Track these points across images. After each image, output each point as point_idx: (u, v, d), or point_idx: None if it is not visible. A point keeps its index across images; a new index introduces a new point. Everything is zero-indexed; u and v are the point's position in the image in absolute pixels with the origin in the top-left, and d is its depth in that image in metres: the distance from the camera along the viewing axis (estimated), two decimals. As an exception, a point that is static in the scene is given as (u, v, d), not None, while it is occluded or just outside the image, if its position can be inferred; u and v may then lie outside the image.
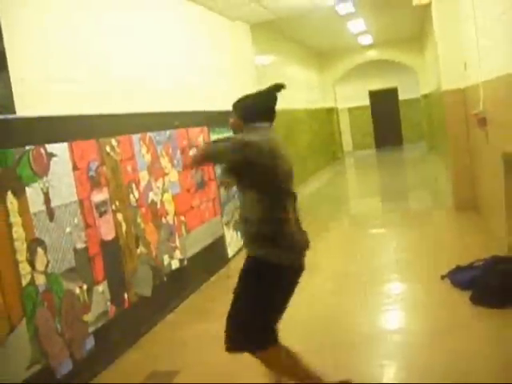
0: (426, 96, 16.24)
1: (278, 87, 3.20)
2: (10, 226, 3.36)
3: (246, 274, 3.02)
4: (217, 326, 4.54)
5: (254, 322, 2.88)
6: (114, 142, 4.60)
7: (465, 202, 7.68)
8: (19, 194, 3.47)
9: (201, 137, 6.46)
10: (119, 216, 4.55)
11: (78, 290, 3.92)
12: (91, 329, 4.04)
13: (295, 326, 4.25)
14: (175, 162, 5.69)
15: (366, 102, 21.06)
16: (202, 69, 6.92)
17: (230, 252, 6.98)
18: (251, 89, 8.32)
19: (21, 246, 3.43)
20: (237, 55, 8.35)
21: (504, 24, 4.26)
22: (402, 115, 20.66)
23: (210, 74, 7.23)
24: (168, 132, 5.61)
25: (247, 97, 3.30)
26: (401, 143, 20.72)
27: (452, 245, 6.36)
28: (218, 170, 6.87)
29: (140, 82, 5.24)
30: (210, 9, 7.36)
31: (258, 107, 3.15)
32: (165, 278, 5.22)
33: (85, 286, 4.01)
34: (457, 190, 7.87)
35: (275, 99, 3.18)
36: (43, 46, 3.92)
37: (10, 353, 3.25)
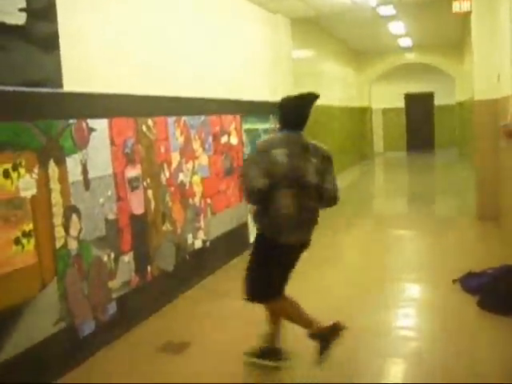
0: (461, 103, 16.22)
1: (313, 97, 3.76)
2: (49, 191, 3.63)
3: (253, 243, 3.77)
4: (231, 305, 4.85)
5: (259, 281, 3.59)
6: (150, 122, 4.86)
7: (487, 211, 7.79)
8: (60, 163, 3.74)
9: (233, 124, 6.68)
10: (149, 193, 4.81)
11: (105, 258, 4.20)
12: (114, 295, 4.31)
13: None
14: (206, 146, 5.93)
15: (401, 104, 21.06)
16: (239, 59, 7.13)
17: (252, 238, 7.20)
18: (286, 82, 8.60)
19: (58, 211, 3.70)
20: (275, 48, 8.54)
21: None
22: (436, 120, 20.61)
23: (247, 64, 7.43)
24: (202, 117, 5.85)
25: (283, 105, 3.79)
26: (432, 148, 20.69)
27: (469, 251, 6.49)
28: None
29: (179, 68, 5.48)
30: (252, 1, 7.55)
31: (287, 119, 3.71)
32: (187, 256, 5.47)
33: (112, 255, 4.28)
34: (480, 199, 7.98)
35: (305, 111, 3.74)
36: (93, 30, 4.19)
37: (40, 308, 3.52)
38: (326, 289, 5.37)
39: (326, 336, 3.54)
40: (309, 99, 3.72)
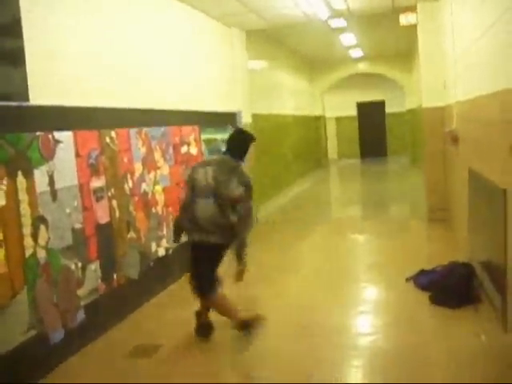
0: (411, 111, 16.78)
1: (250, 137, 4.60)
2: (18, 202, 3.73)
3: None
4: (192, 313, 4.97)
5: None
6: (113, 133, 4.99)
7: (437, 213, 8.17)
8: (28, 174, 3.84)
9: (192, 135, 6.85)
10: (114, 202, 4.94)
11: (73, 266, 4.30)
12: (83, 302, 4.42)
13: (267, 312, 4.70)
14: (167, 156, 6.08)
15: (354, 112, 21.57)
16: (196, 71, 7.32)
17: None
18: (243, 92, 8.81)
19: (26, 222, 3.80)
20: (231, 60, 8.78)
21: (478, 49, 4.68)
22: (388, 128, 21.19)
23: (204, 76, 7.63)
24: (163, 128, 6.00)
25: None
26: (385, 154, 21.25)
27: (420, 251, 6.84)
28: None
29: (139, 81, 5.64)
30: (208, 15, 7.77)
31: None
32: (151, 264, 5.60)
33: (79, 263, 4.39)
34: (430, 202, 8.36)
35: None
36: (58, 45, 4.33)
37: (10, 316, 3.61)
38: (287, 291, 5.58)
39: (249, 326, 4.20)
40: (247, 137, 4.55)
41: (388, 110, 20.98)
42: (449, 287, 4.78)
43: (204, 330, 4.52)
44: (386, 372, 3.70)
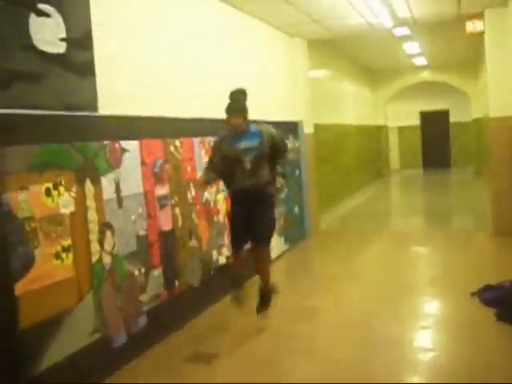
0: (476, 120, 16.34)
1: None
2: (86, 208, 3.86)
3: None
4: (254, 321, 5.01)
5: None
6: (177, 142, 5.09)
7: (503, 226, 7.92)
8: (96, 182, 3.97)
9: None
10: (177, 210, 5.03)
11: (137, 272, 4.40)
12: (145, 308, 4.51)
13: (325, 324, 4.67)
14: (229, 165, 6.14)
15: (417, 122, 21.18)
16: (258, 81, 7.38)
17: (273, 254, 7.36)
18: (305, 102, 8.83)
19: (93, 228, 3.92)
20: (293, 69, 8.80)
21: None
22: (452, 138, 20.68)
23: (267, 85, 7.68)
24: (225, 137, 6.06)
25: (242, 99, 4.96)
26: (449, 165, 20.73)
27: (486, 265, 6.63)
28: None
29: (204, 91, 5.74)
30: (270, 25, 7.83)
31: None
32: (212, 272, 5.66)
33: (143, 269, 4.48)
34: (496, 214, 8.11)
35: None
36: (125, 56, 4.48)
37: (77, 319, 3.73)
38: (346, 302, 5.52)
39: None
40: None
41: (452, 119, 20.48)
42: (516, 304, 4.62)
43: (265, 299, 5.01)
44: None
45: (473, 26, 8.38)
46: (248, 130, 4.80)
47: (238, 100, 4.83)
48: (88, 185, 3.89)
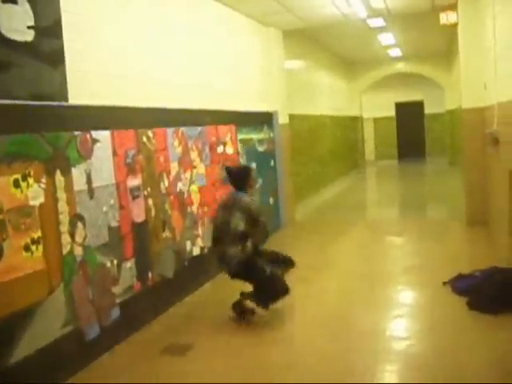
0: (450, 112, 16.50)
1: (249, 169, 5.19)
2: (56, 200, 3.80)
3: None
4: (228, 310, 5.00)
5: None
6: (150, 133, 5.04)
7: (476, 216, 8.00)
8: (66, 172, 3.91)
9: (228, 135, 6.87)
10: (150, 201, 4.99)
11: (109, 264, 4.36)
12: (118, 300, 4.48)
13: (300, 314, 4.68)
14: (204, 156, 6.11)
15: (392, 113, 21.31)
16: (233, 71, 7.34)
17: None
18: (280, 92, 8.81)
19: (64, 219, 3.87)
20: (268, 60, 8.77)
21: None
22: (427, 128, 20.87)
23: (242, 76, 7.64)
24: (199, 128, 6.04)
25: (234, 169, 5.18)
26: (423, 156, 20.92)
27: (459, 255, 6.70)
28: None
29: (177, 81, 5.69)
30: (245, 14, 7.78)
31: (241, 181, 5.01)
32: (186, 263, 5.64)
33: (115, 261, 4.44)
34: (469, 204, 8.20)
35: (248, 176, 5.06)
36: (97, 45, 4.40)
37: (48, 312, 3.68)
38: (321, 292, 5.54)
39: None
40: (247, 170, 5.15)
41: (427, 110, 20.66)
42: (487, 292, 4.67)
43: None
44: (419, 378, 3.63)
45: (446, 18, 8.43)
46: None
47: None
48: (58, 176, 3.83)
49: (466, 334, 4.28)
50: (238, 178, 4.98)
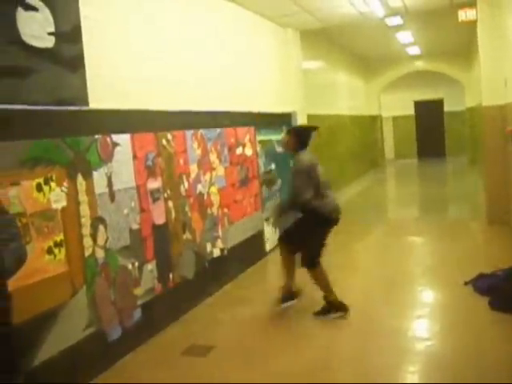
0: (470, 109, 16.33)
1: (314, 128, 5.36)
2: (78, 203, 3.85)
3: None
4: (250, 311, 5.04)
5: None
6: (169, 136, 5.08)
7: (497, 215, 7.93)
8: (87, 176, 3.96)
9: (247, 136, 6.89)
10: (170, 203, 5.02)
11: (130, 266, 4.40)
12: (139, 302, 4.52)
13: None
14: (223, 157, 6.14)
15: (411, 111, 21.16)
16: (252, 72, 7.36)
17: (268, 246, 7.39)
18: (298, 93, 8.80)
19: (86, 222, 3.92)
20: (286, 60, 8.77)
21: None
22: (447, 127, 20.68)
23: (260, 77, 7.66)
24: (218, 130, 6.06)
25: (300, 128, 5.69)
26: (443, 155, 20.73)
27: (480, 254, 6.66)
28: (262, 168, 7.29)
29: (195, 83, 5.71)
30: (262, 16, 7.80)
31: (305, 139, 5.09)
32: (206, 264, 5.67)
33: (136, 263, 4.48)
34: (490, 203, 8.12)
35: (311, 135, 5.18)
36: (115, 50, 4.44)
37: (71, 314, 3.73)
38: (343, 292, 5.51)
39: (332, 307, 4.84)
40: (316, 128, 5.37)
41: (447, 108, 20.46)
42: (509, 292, 4.63)
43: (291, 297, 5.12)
44: (442, 378, 3.62)
45: (465, 15, 8.36)
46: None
47: None
48: (80, 179, 3.88)
49: (487, 333, 4.25)
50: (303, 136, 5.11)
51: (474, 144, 15.85)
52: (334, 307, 4.84)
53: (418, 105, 20.99)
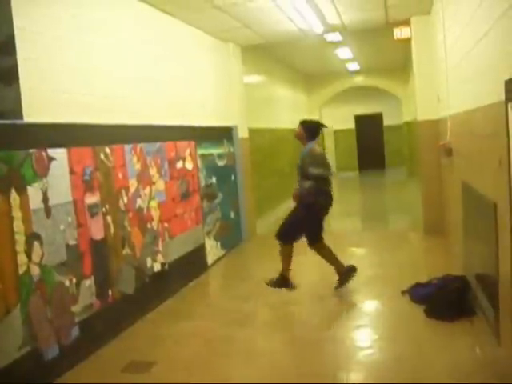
0: (408, 123, 16.83)
1: (323, 125, 6.25)
2: (11, 219, 3.75)
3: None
4: (192, 326, 5.02)
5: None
6: (107, 150, 5.02)
7: (433, 225, 8.19)
8: (21, 191, 3.86)
9: (188, 150, 6.88)
10: (108, 218, 4.96)
11: (67, 283, 4.31)
12: (77, 319, 4.43)
13: (260, 324, 4.70)
14: (163, 172, 6.11)
15: (352, 125, 21.63)
16: (193, 86, 7.37)
17: (210, 260, 7.38)
18: (239, 107, 8.86)
19: (20, 239, 3.81)
20: (227, 75, 8.83)
21: (469, 62, 4.72)
22: (386, 140, 21.24)
23: (201, 91, 7.68)
24: (157, 144, 6.04)
25: (311, 121, 6.30)
26: (383, 167, 21.27)
27: (417, 264, 6.86)
28: (203, 182, 7.29)
29: (134, 97, 5.68)
30: (203, 30, 7.84)
31: (315, 131, 6.06)
32: (147, 279, 5.61)
33: (74, 280, 4.39)
34: (426, 214, 8.39)
35: (320, 129, 6.13)
36: (51, 62, 4.37)
37: (4, 333, 3.62)
38: (281, 305, 5.59)
39: (346, 274, 5.84)
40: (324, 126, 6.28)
41: (385, 122, 21.05)
42: (443, 300, 4.78)
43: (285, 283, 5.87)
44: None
45: (400, 33, 8.66)
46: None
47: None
48: (13, 195, 3.78)
49: (423, 341, 4.38)
50: (312, 129, 6.01)
51: (412, 156, 16.32)
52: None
53: (359, 119, 21.49)
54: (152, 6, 6.22)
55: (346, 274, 5.86)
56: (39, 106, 4.15)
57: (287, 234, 5.86)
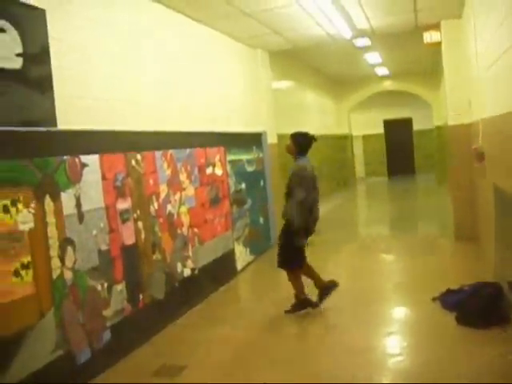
0: (438, 128, 16.65)
1: (314, 139, 5.89)
2: (45, 225, 3.82)
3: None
4: (222, 331, 5.04)
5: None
6: (139, 156, 5.09)
7: (464, 231, 8.08)
8: (55, 197, 3.94)
9: (217, 156, 6.93)
10: (139, 224, 5.02)
11: (99, 287, 4.37)
12: (109, 323, 4.48)
13: (295, 331, 4.68)
14: (193, 178, 6.16)
15: (381, 130, 21.49)
16: (222, 93, 7.42)
17: (239, 265, 7.40)
18: (268, 113, 8.88)
19: (54, 244, 3.89)
20: (256, 81, 8.87)
21: (502, 65, 4.66)
22: (416, 145, 21.04)
23: (230, 97, 7.73)
24: (188, 150, 6.09)
25: (301, 134, 5.91)
26: (413, 172, 21.07)
27: (447, 270, 6.76)
28: (232, 188, 7.32)
29: (165, 104, 5.75)
30: (232, 37, 7.89)
31: (306, 145, 5.78)
32: (177, 284, 5.65)
33: (106, 284, 4.46)
34: (457, 220, 8.28)
35: (312, 143, 5.81)
36: (85, 70, 4.47)
37: (38, 336, 3.68)
38: (314, 311, 5.56)
39: (326, 289, 5.52)
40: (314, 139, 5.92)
41: (415, 127, 20.86)
42: (476, 307, 4.72)
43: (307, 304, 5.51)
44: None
45: (430, 37, 8.58)
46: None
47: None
48: (48, 201, 3.86)
49: (454, 348, 4.32)
50: (303, 143, 5.71)
51: (442, 161, 16.13)
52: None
53: (388, 123, 21.33)
54: (182, 13, 6.30)
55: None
56: (73, 113, 4.23)
57: (289, 261, 5.51)
